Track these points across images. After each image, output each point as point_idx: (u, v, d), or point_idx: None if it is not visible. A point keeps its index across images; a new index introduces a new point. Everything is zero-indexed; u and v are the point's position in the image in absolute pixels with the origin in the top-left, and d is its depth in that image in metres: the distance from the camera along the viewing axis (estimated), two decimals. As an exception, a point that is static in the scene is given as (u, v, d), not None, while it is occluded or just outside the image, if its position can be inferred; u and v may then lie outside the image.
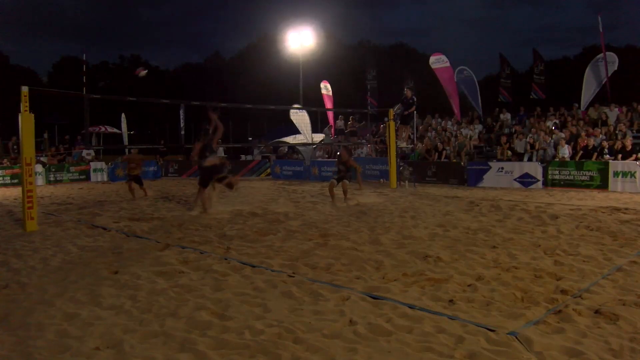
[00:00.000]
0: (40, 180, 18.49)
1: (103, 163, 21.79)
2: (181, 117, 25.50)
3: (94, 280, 4.96)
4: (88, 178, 20.70)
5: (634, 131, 15.19)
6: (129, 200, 12.47)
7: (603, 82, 17.39)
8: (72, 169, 20.67)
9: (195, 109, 25.72)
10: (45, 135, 25.29)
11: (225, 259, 5.73)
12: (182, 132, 25.52)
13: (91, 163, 21.32)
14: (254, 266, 5.37)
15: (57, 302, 4.27)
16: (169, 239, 7.02)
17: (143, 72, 7.21)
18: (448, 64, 20.72)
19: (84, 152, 22.14)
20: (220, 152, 24.87)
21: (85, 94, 10.68)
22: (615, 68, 17.27)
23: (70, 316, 3.93)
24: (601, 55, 17.34)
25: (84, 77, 27.10)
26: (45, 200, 13.08)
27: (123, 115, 26.91)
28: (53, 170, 19.97)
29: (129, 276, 5.05)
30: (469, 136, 18.32)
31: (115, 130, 29.98)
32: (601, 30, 17.46)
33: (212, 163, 9.92)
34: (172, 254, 6.03)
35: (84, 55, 29.26)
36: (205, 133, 10.45)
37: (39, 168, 18.80)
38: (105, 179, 20.99)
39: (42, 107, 32.41)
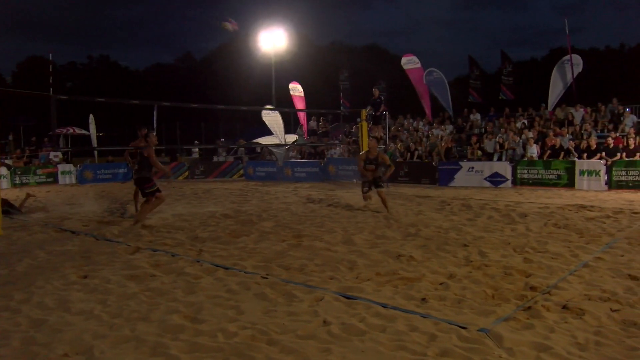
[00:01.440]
0: (5, 184, 17.99)
1: (71, 165, 21.31)
2: (154, 118, 25.20)
3: (63, 285, 4.84)
4: (56, 181, 20.21)
5: (598, 131, 15.63)
6: (100, 204, 12.23)
7: (569, 84, 17.83)
8: (39, 171, 20.15)
9: (168, 110, 25.52)
10: (11, 137, 24.64)
11: (198, 262, 5.67)
12: (154, 133, 25.21)
13: (59, 165, 20.83)
14: (227, 268, 5.34)
15: (23, 308, 4.16)
16: (140, 242, 6.91)
17: (229, 25, 6.65)
18: (419, 65, 20.99)
19: (52, 154, 21.62)
20: (196, 153, 24.67)
21: (52, 95, 10.43)
22: (580, 70, 17.72)
23: (38, 323, 3.82)
24: (567, 57, 17.77)
25: (51, 78, 26.43)
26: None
27: (91, 116, 26.36)
28: (19, 172, 19.43)
29: (98, 280, 4.95)
30: (440, 136, 18.57)
31: (83, 131, 29.36)
32: (567, 32, 17.90)
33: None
34: (143, 257, 5.94)
35: (50, 55, 28.51)
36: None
37: (3, 171, 18.29)
38: (74, 181, 20.53)
39: (7, 108, 31.60)
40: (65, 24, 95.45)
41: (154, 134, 9.29)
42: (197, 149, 24.65)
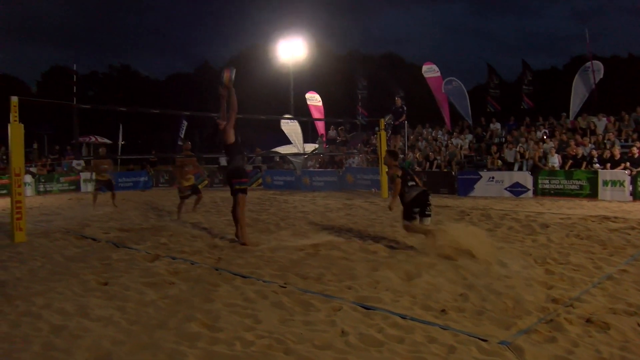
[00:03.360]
0: (29, 191, 18.31)
1: (93, 173, 21.63)
2: (182, 127, 25.55)
3: (82, 291, 4.90)
4: (78, 188, 20.53)
5: (622, 140, 15.35)
6: (120, 211, 12.37)
7: (591, 91, 17.60)
8: (62, 179, 20.51)
9: (187, 118, 25.79)
10: (35, 146, 25.13)
11: (216, 270, 5.69)
12: (181, 143, 25.57)
13: (81, 173, 21.17)
14: (244, 276, 5.34)
15: (44, 313, 4.21)
16: (159, 250, 6.96)
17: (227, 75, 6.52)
18: (439, 74, 20.92)
19: (74, 162, 22.00)
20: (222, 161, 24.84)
21: (75, 104, 10.63)
22: (601, 76, 17.49)
23: (58, 328, 3.87)
24: (588, 64, 17.57)
25: (74, 87, 26.98)
26: (34, 211, 12.94)
27: (120, 125, 26.82)
28: (42, 180, 19.80)
29: (118, 287, 4.99)
30: (459, 146, 18.43)
31: (105, 140, 29.87)
32: (587, 39, 17.68)
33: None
34: (162, 265, 5.98)
35: (74, 64, 29.14)
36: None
37: (28, 178, 18.62)
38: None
39: (31, 117, 32.26)
40: (87, 34, 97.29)
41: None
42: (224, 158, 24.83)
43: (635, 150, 13.36)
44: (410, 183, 6.72)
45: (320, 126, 23.18)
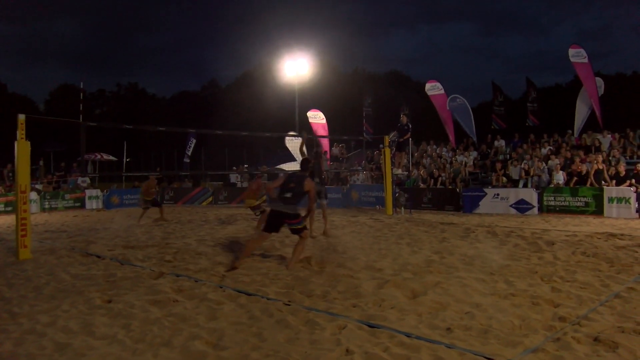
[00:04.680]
0: (34, 208, 18.37)
1: (98, 190, 21.75)
2: (189, 144, 25.70)
3: (87, 309, 4.89)
4: (83, 205, 20.60)
5: (627, 157, 15.31)
6: (124, 228, 12.39)
7: (590, 110, 17.68)
8: (67, 196, 20.59)
9: (193, 136, 25.95)
10: (41, 163, 25.27)
11: (221, 287, 5.68)
12: (187, 160, 25.70)
13: (86, 190, 21.26)
14: (249, 294, 5.32)
15: (48, 331, 4.20)
16: (164, 267, 6.96)
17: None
18: (443, 91, 21.04)
19: (79, 180, 22.10)
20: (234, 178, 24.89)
21: (82, 122, 10.72)
22: (602, 92, 17.54)
23: (62, 346, 3.85)
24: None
25: (81, 105, 27.25)
26: (39, 227, 12.99)
27: (125, 143, 27.05)
28: (48, 197, 19.88)
29: (122, 305, 4.98)
30: (464, 163, 18.42)
31: (111, 157, 30.02)
32: (581, 60, 17.66)
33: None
34: (167, 282, 5.97)
35: (81, 83, 29.45)
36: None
37: (33, 195, 18.69)
38: (101, 206, 20.90)
39: (38, 135, 32.53)
40: (95, 53, 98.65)
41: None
42: (236, 175, 24.89)
43: (640, 167, 13.33)
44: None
45: (324, 144, 23.27)
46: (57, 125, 36.74)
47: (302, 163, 7.78)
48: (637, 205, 12.75)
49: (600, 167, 13.82)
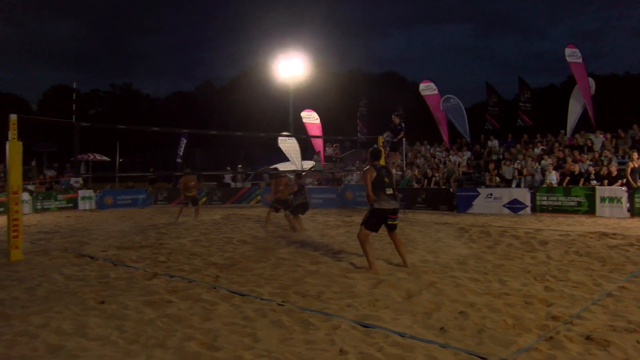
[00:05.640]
0: (27, 209, 18.26)
1: (91, 191, 21.65)
2: (181, 144, 25.61)
3: (81, 310, 4.86)
4: (76, 206, 20.50)
5: (619, 157, 15.41)
6: (118, 229, 12.34)
7: (583, 109, 17.77)
8: (60, 197, 20.49)
9: (188, 136, 25.88)
10: (34, 163, 25.14)
11: (215, 288, 5.66)
12: (179, 160, 25.62)
13: (79, 191, 21.16)
14: (243, 295, 5.31)
15: (41, 333, 4.17)
16: (158, 268, 6.93)
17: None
18: (436, 92, 21.09)
19: (72, 180, 22.01)
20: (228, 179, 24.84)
21: (75, 122, 10.66)
22: (593, 92, 17.65)
23: (55, 348, 3.83)
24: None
25: (74, 105, 27.12)
26: (32, 228, 12.91)
27: (118, 143, 26.98)
28: (40, 198, 19.77)
29: (116, 306, 4.96)
30: (457, 163, 18.48)
31: (104, 158, 29.88)
32: (576, 60, 17.75)
33: None
34: (161, 283, 5.95)
35: (74, 83, 29.35)
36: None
37: (25, 196, 18.59)
38: (94, 206, 20.81)
39: (31, 135, 32.38)
40: (89, 53, 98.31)
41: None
42: (229, 175, 24.84)
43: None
44: None
45: (318, 144, 23.27)
46: (50, 125, 36.56)
47: (377, 152, 7.14)
48: (628, 205, 12.85)
49: (636, 165, 13.46)
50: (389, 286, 5.49)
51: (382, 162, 6.98)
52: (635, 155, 13.61)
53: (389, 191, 6.49)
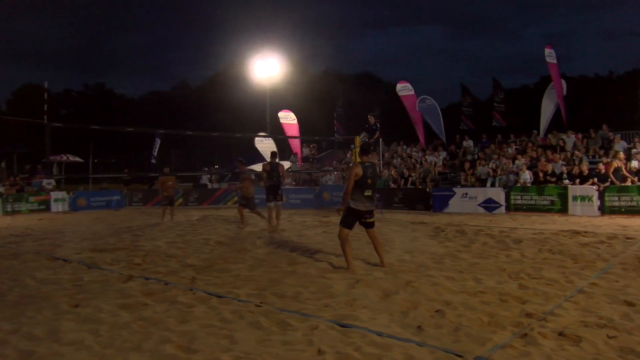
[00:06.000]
0: (-4, 211, 17.84)
1: (64, 193, 21.24)
2: (155, 145, 25.26)
3: (53, 314, 4.76)
4: (48, 208, 20.08)
5: (590, 157, 15.77)
6: (92, 231, 12.13)
7: (556, 109, 18.15)
8: (32, 199, 20.05)
9: (163, 137, 25.55)
10: (3, 165, 24.56)
11: (191, 290, 5.61)
12: (154, 161, 25.29)
13: (52, 193, 20.73)
14: (220, 296, 5.27)
15: (11, 339, 4.07)
16: (133, 270, 6.84)
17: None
18: (413, 92, 21.28)
19: (44, 182, 21.55)
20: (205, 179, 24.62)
21: (47, 122, 10.45)
22: (564, 93, 18.05)
23: (26, 354, 3.74)
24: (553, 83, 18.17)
25: (46, 105, 26.55)
26: (2, 232, 12.61)
27: (91, 144, 26.53)
28: (11, 200, 19.31)
29: (90, 309, 4.87)
30: (433, 163, 18.67)
31: (77, 159, 29.35)
32: (552, 60, 18.15)
33: None
34: (136, 286, 5.87)
35: (46, 83, 28.75)
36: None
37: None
38: (67, 209, 20.41)
39: (0, 136, 31.60)
40: (61, 52, 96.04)
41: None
42: (207, 176, 24.62)
43: (601, 166, 13.73)
44: None
45: (296, 144, 23.25)
46: (21, 126, 35.71)
47: (367, 146, 7.00)
48: (599, 203, 13.16)
49: (619, 165, 13.73)
50: (366, 286, 5.51)
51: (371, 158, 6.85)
52: (622, 154, 13.96)
53: (368, 193, 6.46)
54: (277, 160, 11.20)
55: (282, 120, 23.34)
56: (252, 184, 12.39)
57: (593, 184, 13.49)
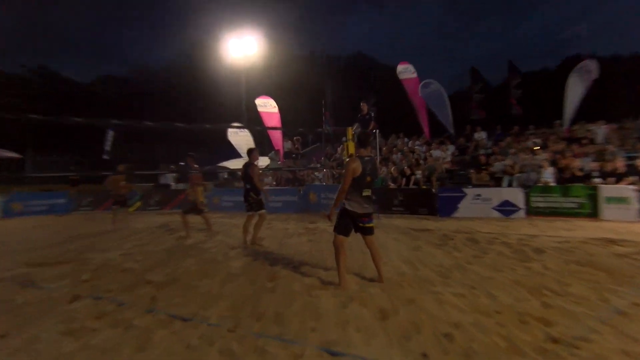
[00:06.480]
0: None
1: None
2: (108, 137, 24.97)
3: (-24, 345, 4.64)
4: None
5: (626, 151, 15.78)
6: (31, 241, 11.95)
7: (585, 94, 18.17)
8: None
9: (119, 129, 25.34)
10: None
11: (151, 312, 5.52)
12: (106, 157, 25.04)
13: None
14: (186, 319, 5.19)
15: None
16: (80, 288, 6.72)
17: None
18: (415, 75, 21.30)
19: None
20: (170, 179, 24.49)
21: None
22: (596, 76, 18.10)
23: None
24: (583, 62, 18.16)
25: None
26: None
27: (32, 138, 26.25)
28: None
29: (24, 339, 4.76)
30: (440, 158, 18.70)
31: (12, 154, 28.96)
32: (580, 39, 18.31)
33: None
34: (83, 307, 5.77)
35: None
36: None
37: None
38: None
39: None
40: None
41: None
42: (171, 175, 24.46)
43: (640, 162, 13.75)
44: None
45: (277, 137, 23.14)
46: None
47: (365, 136, 7.13)
48: (638, 207, 13.16)
49: None
50: (360, 304, 5.47)
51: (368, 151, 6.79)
52: None
53: (367, 192, 6.46)
54: (254, 158, 10.65)
55: (260, 109, 23.24)
56: (200, 186, 12.29)
57: (630, 183, 13.52)
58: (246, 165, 10.46)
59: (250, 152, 10.62)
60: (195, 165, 12.38)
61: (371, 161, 6.57)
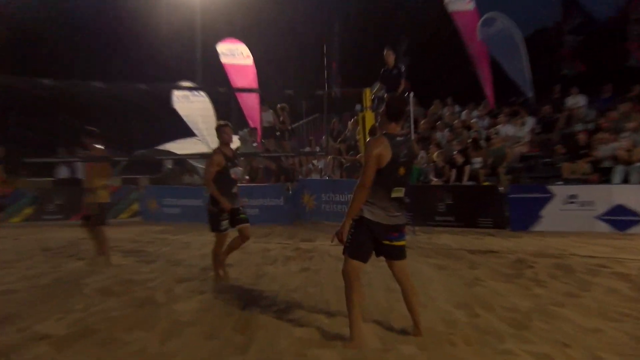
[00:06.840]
0: None
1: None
2: None
3: None
4: None
5: None
6: None
7: None
8: None
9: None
10: None
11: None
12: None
13: None
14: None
15: None
16: None
17: None
18: (473, 5, 21.11)
19: None
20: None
21: None
22: None
23: None
24: None
25: None
26: None
27: None
28: None
29: None
30: (512, 138, 18.60)
31: None
32: None
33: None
34: None
35: None
36: None
37: None
38: None
39: None
40: None
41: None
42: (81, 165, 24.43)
43: None
44: None
45: (251, 105, 22.98)
46: None
47: (397, 103, 6.68)
48: None
49: None
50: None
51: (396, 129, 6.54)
52: None
53: (398, 193, 6.32)
54: (225, 139, 10.07)
55: (223, 59, 23.11)
56: (102, 179, 12.00)
57: None
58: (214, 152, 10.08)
59: (220, 130, 10.16)
60: (98, 147, 11.68)
61: (407, 143, 6.40)
